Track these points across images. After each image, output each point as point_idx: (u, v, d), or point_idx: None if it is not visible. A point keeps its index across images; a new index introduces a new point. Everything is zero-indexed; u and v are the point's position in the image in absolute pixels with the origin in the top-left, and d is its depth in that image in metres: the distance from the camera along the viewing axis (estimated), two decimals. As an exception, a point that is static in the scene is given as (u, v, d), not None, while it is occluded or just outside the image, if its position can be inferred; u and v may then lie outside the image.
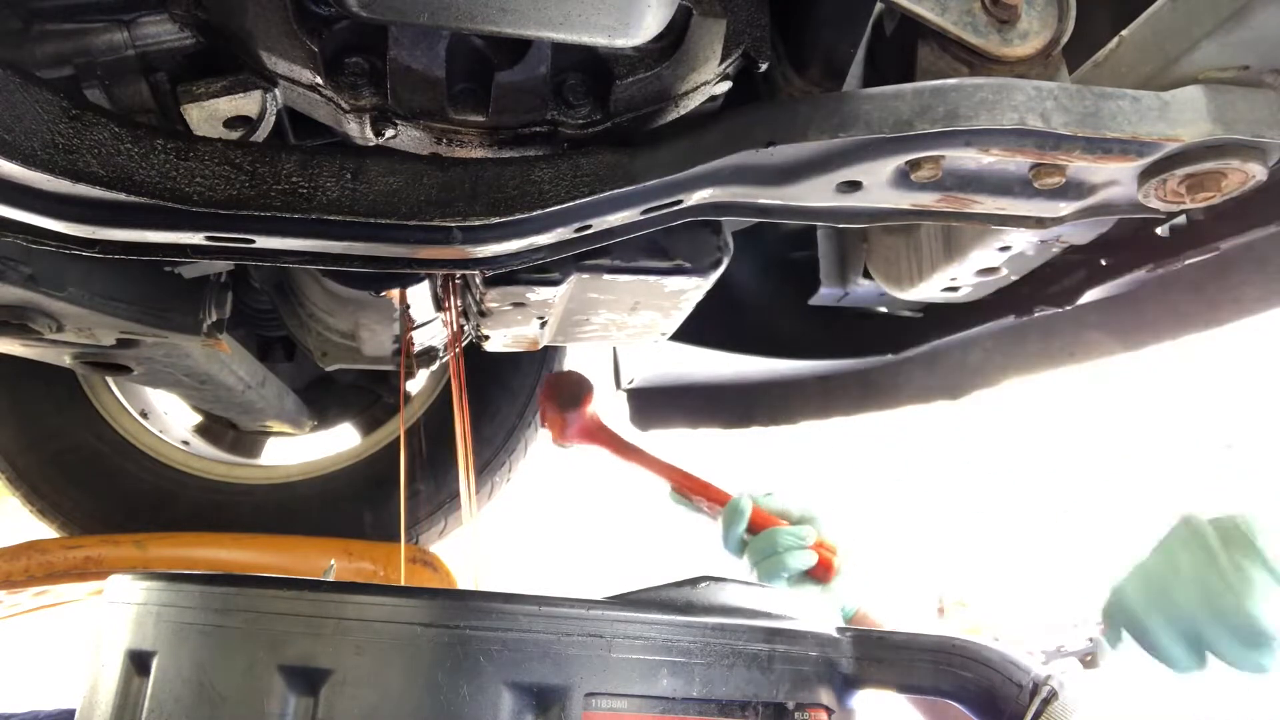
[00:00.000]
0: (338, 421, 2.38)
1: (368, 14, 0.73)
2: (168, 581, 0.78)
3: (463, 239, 0.88)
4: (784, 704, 0.76)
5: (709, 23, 0.89)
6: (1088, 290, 1.42)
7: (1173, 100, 0.83)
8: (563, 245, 0.96)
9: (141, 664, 0.76)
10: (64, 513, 2.07)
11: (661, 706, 0.71)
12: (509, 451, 2.24)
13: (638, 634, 0.71)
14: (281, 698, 0.69)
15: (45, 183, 0.76)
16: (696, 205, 0.96)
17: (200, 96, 0.87)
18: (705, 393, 2.17)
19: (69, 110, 0.76)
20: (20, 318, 1.15)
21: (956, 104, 0.82)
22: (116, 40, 0.87)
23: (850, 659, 0.82)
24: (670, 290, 1.26)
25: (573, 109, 0.92)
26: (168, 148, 0.79)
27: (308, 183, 0.83)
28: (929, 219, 1.01)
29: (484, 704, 0.67)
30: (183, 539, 1.94)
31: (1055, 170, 0.87)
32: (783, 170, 0.91)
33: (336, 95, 0.86)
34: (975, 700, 0.81)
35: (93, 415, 2.09)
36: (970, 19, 0.90)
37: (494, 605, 0.70)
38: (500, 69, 0.88)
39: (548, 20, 0.75)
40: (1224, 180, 0.86)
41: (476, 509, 2.25)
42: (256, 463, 2.38)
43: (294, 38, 0.83)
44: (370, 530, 2.13)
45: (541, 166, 0.88)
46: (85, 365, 1.40)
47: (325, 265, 0.93)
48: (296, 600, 0.71)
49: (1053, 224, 0.99)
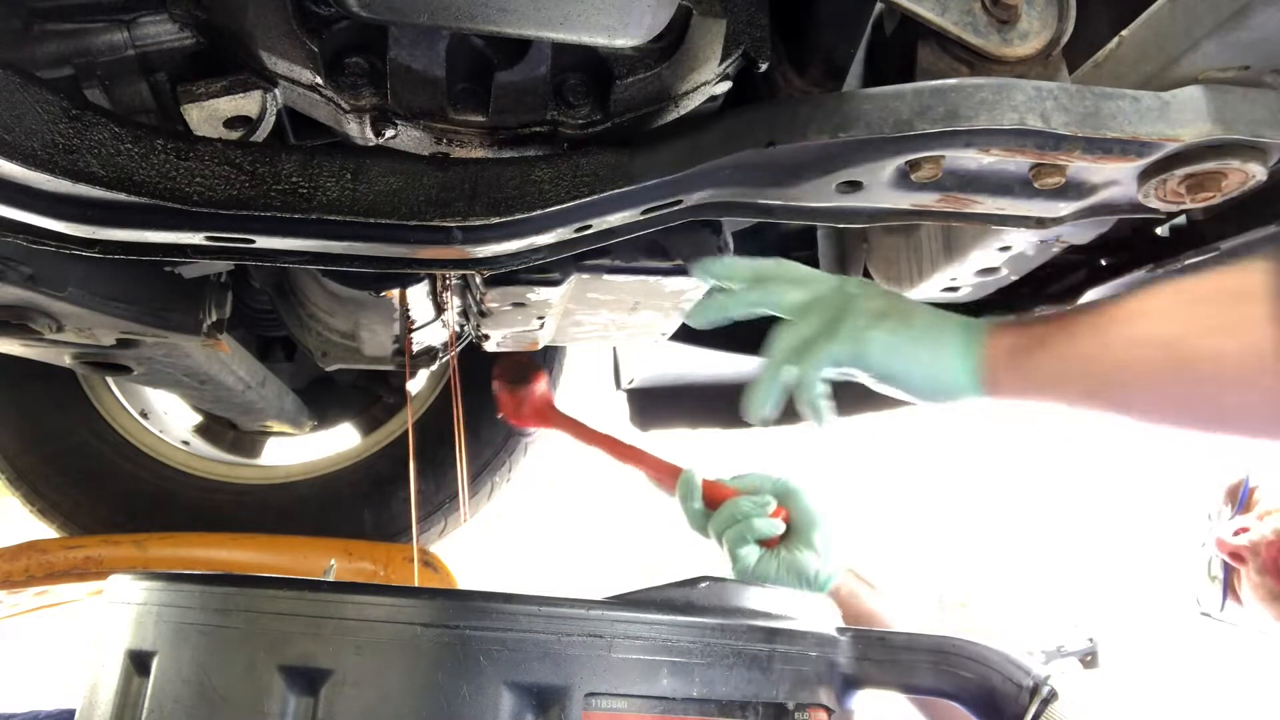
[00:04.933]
0: (338, 421, 2.38)
1: (368, 14, 0.73)
2: (168, 581, 0.78)
3: (463, 239, 0.88)
4: (784, 704, 0.76)
5: (709, 23, 0.89)
6: (1088, 290, 1.42)
7: (1173, 100, 0.83)
8: (563, 245, 0.96)
9: (141, 664, 0.76)
10: (64, 513, 2.06)
11: (661, 706, 0.71)
12: (509, 451, 2.24)
13: (638, 634, 0.71)
14: (281, 698, 0.69)
15: (45, 183, 0.76)
16: (696, 205, 0.96)
17: (200, 96, 0.87)
18: (705, 393, 2.16)
19: (69, 110, 0.76)
20: (20, 318, 1.15)
21: (956, 104, 0.82)
22: (116, 40, 0.87)
23: (850, 659, 0.82)
24: (670, 290, 1.26)
25: (573, 109, 0.92)
26: (168, 148, 0.79)
27: (308, 183, 0.83)
28: (929, 219, 1.01)
29: (484, 704, 0.67)
30: (183, 539, 1.94)
31: (1055, 170, 0.87)
32: (783, 170, 0.91)
33: (336, 95, 0.86)
34: (975, 700, 0.81)
35: (93, 415, 2.08)
36: (970, 19, 0.90)
37: (494, 605, 0.70)
38: (500, 69, 0.88)
39: (548, 20, 0.75)
40: (1224, 180, 0.86)
41: (475, 509, 2.25)
42: (256, 463, 2.38)
43: (294, 38, 0.83)
44: (370, 530, 2.13)
45: (541, 166, 0.88)
46: (85, 365, 1.40)
47: (325, 265, 0.93)
48: (296, 600, 0.71)
49: (1053, 224, 0.99)
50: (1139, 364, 0.83)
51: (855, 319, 0.92)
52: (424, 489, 2.14)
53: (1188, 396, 0.82)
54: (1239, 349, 0.77)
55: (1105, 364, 0.84)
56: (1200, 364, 0.79)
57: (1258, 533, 1.40)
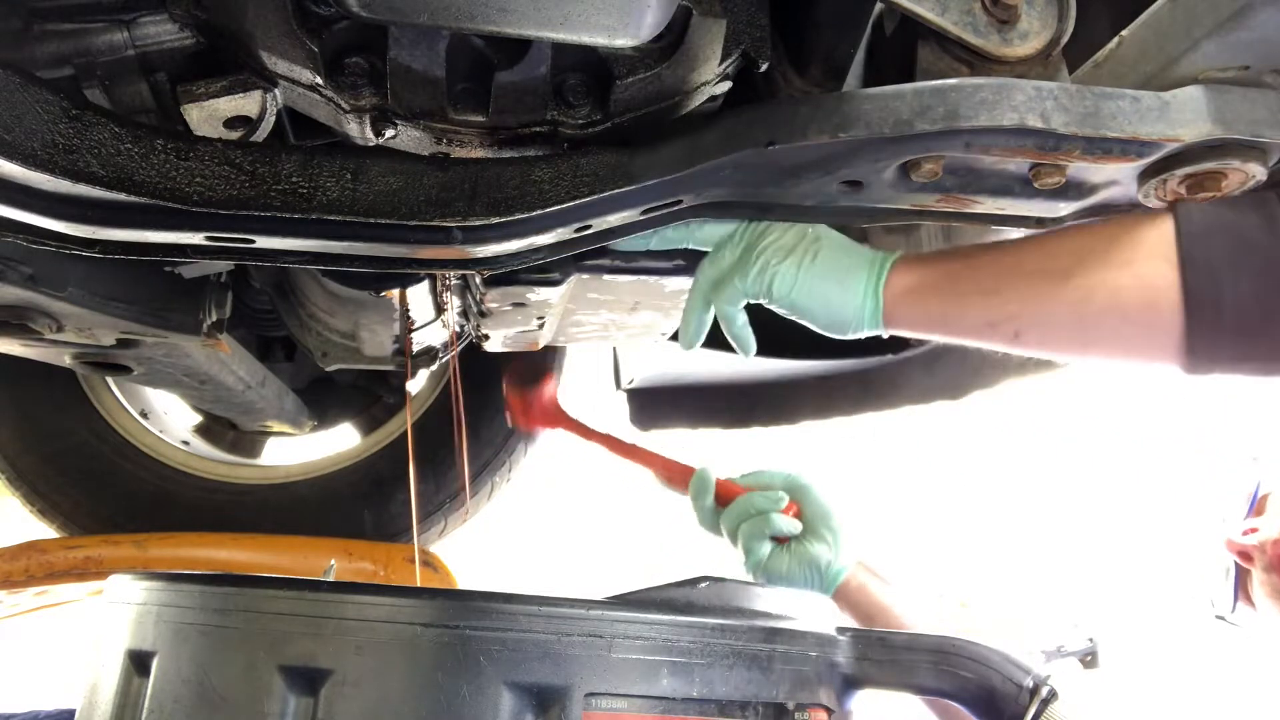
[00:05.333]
0: (338, 421, 2.38)
1: (368, 14, 0.73)
2: (168, 581, 0.78)
3: (463, 239, 0.88)
4: (784, 704, 0.76)
5: (709, 23, 0.89)
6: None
7: (1173, 100, 0.83)
8: (563, 245, 0.96)
9: (141, 664, 0.76)
10: (64, 513, 2.06)
11: (661, 706, 0.71)
12: (509, 451, 2.24)
13: (638, 634, 0.71)
14: (281, 698, 0.69)
15: (45, 183, 0.76)
16: (696, 205, 0.96)
17: (200, 96, 0.87)
18: (705, 393, 2.16)
19: (69, 110, 0.76)
20: (20, 318, 1.15)
21: (956, 104, 0.82)
22: (116, 40, 0.87)
23: (850, 659, 0.82)
24: (671, 290, 1.26)
25: (573, 109, 0.92)
26: (168, 148, 0.79)
27: (308, 183, 0.83)
28: (929, 219, 1.01)
29: (484, 704, 0.68)
30: (183, 539, 1.94)
31: (1055, 170, 0.87)
32: (783, 170, 0.91)
33: (336, 95, 0.86)
34: (975, 700, 0.81)
35: (93, 415, 2.08)
36: (970, 19, 0.90)
37: (494, 605, 0.70)
38: (500, 69, 0.88)
39: (548, 20, 0.75)
40: (1224, 180, 0.86)
41: (476, 509, 2.25)
42: (256, 463, 2.38)
43: (294, 38, 0.83)
44: (370, 530, 2.13)
45: (541, 166, 0.88)
46: (85, 365, 1.40)
47: (325, 265, 0.93)
48: (296, 600, 0.71)
49: (1052, 224, 0.99)
50: (1040, 298, 0.89)
51: (764, 253, 0.98)
52: (424, 489, 2.14)
53: (1086, 327, 0.88)
54: (1134, 283, 0.84)
55: (1006, 298, 0.91)
56: (1099, 294, 0.86)
57: (1266, 532, 1.43)
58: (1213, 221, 0.84)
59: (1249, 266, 0.80)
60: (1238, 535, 1.47)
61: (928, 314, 0.96)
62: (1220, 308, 0.81)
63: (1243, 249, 0.81)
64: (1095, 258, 0.87)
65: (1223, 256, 0.82)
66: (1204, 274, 0.81)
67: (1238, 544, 1.47)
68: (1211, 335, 0.82)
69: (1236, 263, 0.81)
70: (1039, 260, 0.91)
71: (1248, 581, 1.48)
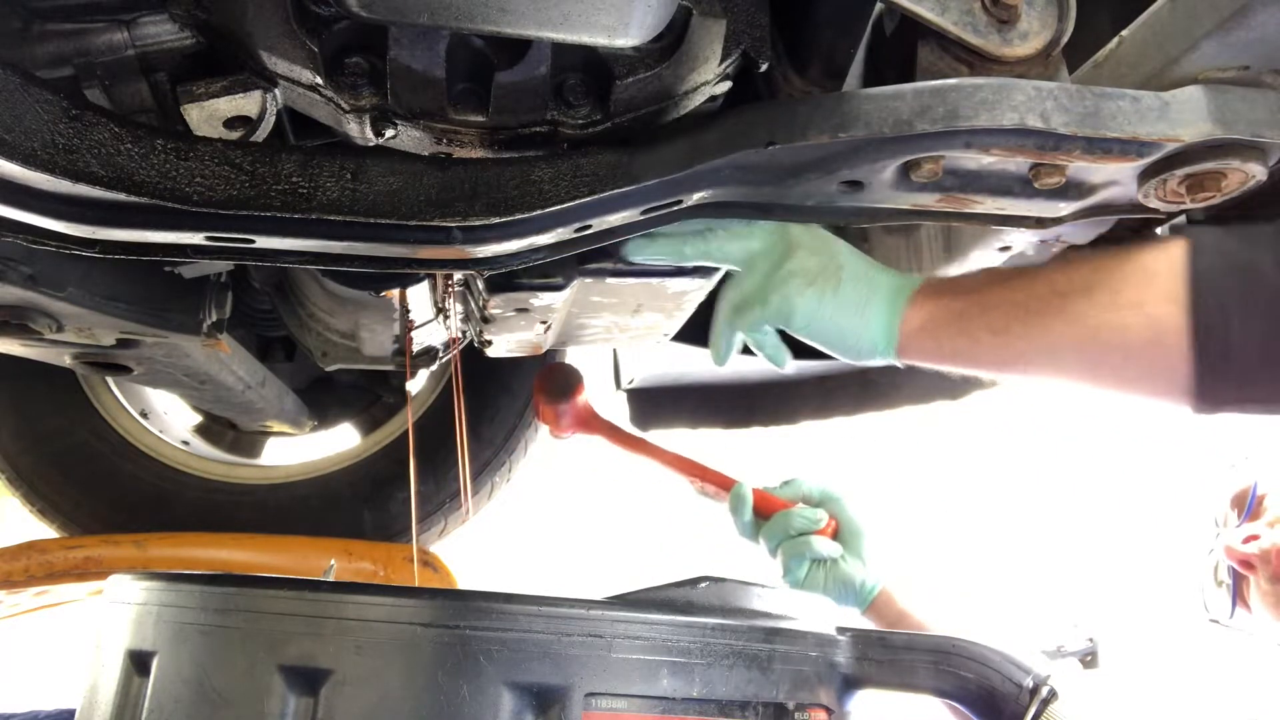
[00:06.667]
0: (338, 421, 2.38)
1: (368, 14, 0.73)
2: (168, 581, 0.78)
3: (463, 239, 0.88)
4: (784, 704, 0.76)
5: (709, 23, 0.89)
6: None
7: (1173, 100, 0.83)
8: (563, 245, 0.96)
9: (141, 664, 0.76)
10: (64, 513, 2.06)
11: (661, 706, 0.71)
12: (509, 452, 2.24)
13: (638, 634, 0.71)
14: (281, 698, 0.69)
15: (45, 183, 0.76)
16: (696, 205, 0.96)
17: (200, 96, 0.87)
18: (705, 393, 2.16)
19: (69, 110, 0.76)
20: (20, 318, 1.15)
21: (956, 104, 0.82)
22: (116, 40, 0.87)
23: (850, 659, 0.82)
24: (673, 291, 1.26)
25: (573, 109, 0.92)
26: (168, 148, 0.79)
27: (308, 183, 0.83)
28: (929, 219, 1.01)
29: (484, 704, 0.68)
30: (183, 539, 1.94)
31: (1055, 170, 0.87)
32: (783, 170, 0.91)
33: (336, 95, 0.86)
34: (975, 700, 0.81)
35: (93, 415, 2.08)
36: (970, 19, 0.90)
37: (494, 605, 0.70)
38: (500, 69, 0.88)
39: (548, 20, 0.75)
40: (1224, 180, 0.86)
41: (476, 509, 2.25)
42: (256, 463, 2.38)
43: (294, 38, 0.83)
44: (370, 530, 2.13)
45: (541, 166, 0.88)
46: (85, 365, 1.40)
47: (325, 265, 0.93)
48: (296, 600, 0.71)
49: (1053, 224, 0.99)
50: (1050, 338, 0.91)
51: (787, 282, 1.01)
52: (424, 489, 2.14)
53: (1094, 366, 0.90)
54: (1142, 323, 0.85)
55: (1016, 336, 0.93)
56: (1107, 335, 0.87)
57: (1268, 540, 1.39)
58: (1225, 261, 0.84)
59: (1259, 307, 0.80)
60: (1238, 542, 1.42)
61: (940, 350, 0.98)
62: (1229, 352, 0.81)
63: (1255, 288, 0.81)
64: (1105, 296, 0.88)
65: (1234, 298, 0.81)
66: (1215, 316, 0.81)
67: (1238, 552, 1.42)
68: (1220, 377, 0.82)
69: (1247, 303, 0.81)
70: (1048, 299, 0.92)
71: (1245, 587, 1.45)
